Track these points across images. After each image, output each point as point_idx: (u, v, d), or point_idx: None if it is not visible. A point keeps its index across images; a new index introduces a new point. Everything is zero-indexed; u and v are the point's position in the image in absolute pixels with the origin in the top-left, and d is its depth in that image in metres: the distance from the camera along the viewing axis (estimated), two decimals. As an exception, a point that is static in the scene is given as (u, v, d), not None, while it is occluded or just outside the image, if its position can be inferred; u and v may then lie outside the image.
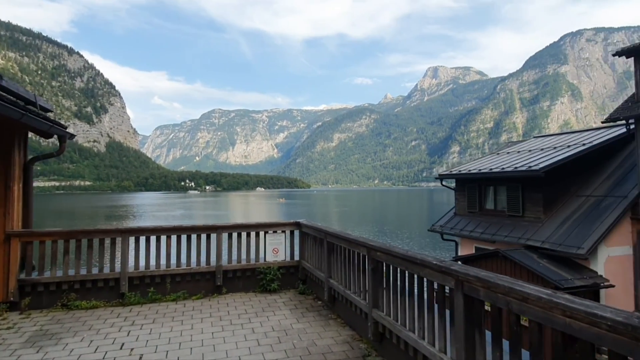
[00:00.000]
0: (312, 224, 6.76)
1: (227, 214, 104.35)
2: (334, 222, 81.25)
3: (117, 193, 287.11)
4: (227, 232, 6.99)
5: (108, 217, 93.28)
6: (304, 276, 7.24)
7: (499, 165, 12.93)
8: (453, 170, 14.98)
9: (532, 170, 11.19)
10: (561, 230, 10.77)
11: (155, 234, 6.69)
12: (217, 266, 6.81)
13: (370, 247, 4.42)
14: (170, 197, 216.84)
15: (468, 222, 14.02)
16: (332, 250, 5.76)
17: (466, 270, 2.75)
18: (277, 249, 7.23)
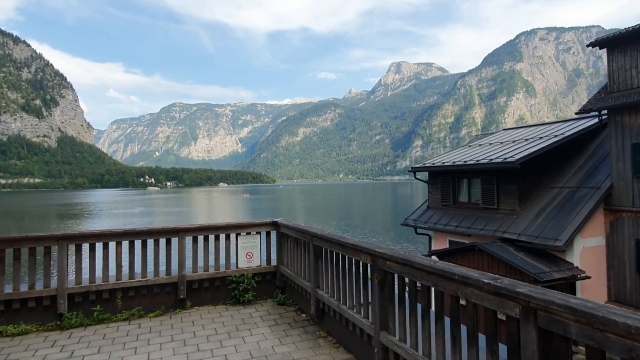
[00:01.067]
0: (293, 224, 5.87)
1: (189, 211, 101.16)
2: (300, 217, 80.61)
3: (71, 190, 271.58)
4: (192, 236, 5.92)
5: (61, 216, 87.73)
6: (282, 283, 6.40)
7: (473, 158, 12.70)
8: (426, 162, 14.68)
9: (508, 162, 10.98)
10: (537, 223, 10.64)
11: (102, 240, 5.55)
12: (179, 276, 5.80)
13: (376, 255, 3.55)
14: (129, 194, 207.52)
15: (442, 216, 13.76)
16: (321, 256, 4.92)
17: (544, 296, 1.95)
18: (251, 253, 6.31)
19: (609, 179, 10.47)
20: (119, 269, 5.55)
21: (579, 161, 11.91)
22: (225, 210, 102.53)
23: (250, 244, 6.31)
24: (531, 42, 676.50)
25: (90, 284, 5.44)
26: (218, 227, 6.22)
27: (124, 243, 5.64)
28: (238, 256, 6.24)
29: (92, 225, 69.87)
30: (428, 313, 3.02)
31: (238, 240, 6.25)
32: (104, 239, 5.57)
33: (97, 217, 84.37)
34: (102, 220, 78.43)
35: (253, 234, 6.36)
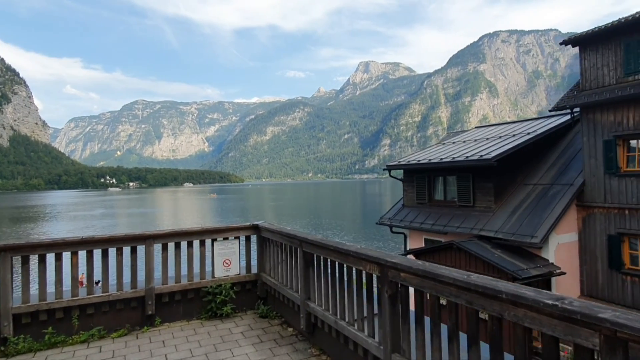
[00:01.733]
0: (277, 227, 5.29)
1: (153, 212, 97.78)
2: (270, 216, 79.64)
3: (25, 192, 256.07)
4: (161, 243, 5.21)
5: (14, 220, 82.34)
6: (264, 293, 5.78)
7: (449, 155, 12.63)
8: (401, 160, 14.51)
9: (484, 159, 10.94)
10: (512, 220, 10.66)
11: (54, 250, 4.71)
12: (147, 289, 5.08)
13: (387, 265, 3.01)
14: (88, 195, 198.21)
15: (417, 214, 13.63)
16: (312, 264, 4.37)
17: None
18: (228, 260, 5.64)
19: (581, 176, 10.64)
20: (75, 283, 4.72)
21: (550, 158, 12.08)
22: (192, 212, 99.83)
23: (228, 251, 5.65)
24: (493, 44, 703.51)
25: (41, 301, 4.63)
26: (191, 233, 5.45)
27: (80, 253, 4.91)
28: (214, 264, 5.56)
29: (49, 229, 65.89)
30: (457, 335, 2.51)
31: (214, 246, 5.56)
32: (57, 248, 4.72)
33: (54, 220, 79.77)
34: (59, 223, 74.24)
35: (231, 239, 5.67)
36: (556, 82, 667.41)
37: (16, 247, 4.52)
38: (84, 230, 61.83)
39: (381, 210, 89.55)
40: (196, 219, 77.88)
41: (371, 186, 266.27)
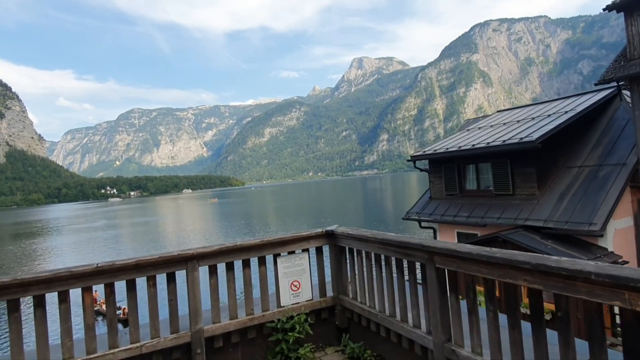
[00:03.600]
0: (363, 232, 3.96)
1: (155, 220, 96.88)
2: (276, 220, 78.74)
3: (25, 208, 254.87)
4: (208, 265, 3.80)
5: (15, 236, 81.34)
6: (345, 322, 4.40)
7: (481, 141, 11.68)
8: (426, 150, 13.56)
9: (526, 142, 9.99)
10: (562, 207, 9.71)
11: (57, 288, 3.20)
12: (194, 332, 3.67)
13: None
14: (89, 207, 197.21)
15: (448, 206, 12.69)
16: (454, 289, 2.98)
17: None
18: (297, 282, 4.27)
19: (634, 154, 9.69)
20: (91, 333, 3.34)
21: (592, 138, 11.14)
22: (194, 217, 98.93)
23: (295, 269, 4.29)
24: (485, 34, 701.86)
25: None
26: (247, 248, 3.98)
27: (95, 288, 3.64)
28: (279, 289, 4.20)
29: (51, 243, 64.89)
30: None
31: (278, 264, 4.20)
32: (61, 284, 3.21)
33: (56, 235, 78.80)
34: (61, 237, 73.24)
35: (298, 253, 4.32)
36: (548, 69, 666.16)
37: (5, 287, 2.99)
38: (88, 244, 60.83)
39: (394, 205, 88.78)
40: (201, 225, 77.00)
41: (373, 182, 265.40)
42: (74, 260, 46.77)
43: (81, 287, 3.31)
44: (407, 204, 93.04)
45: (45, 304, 3.18)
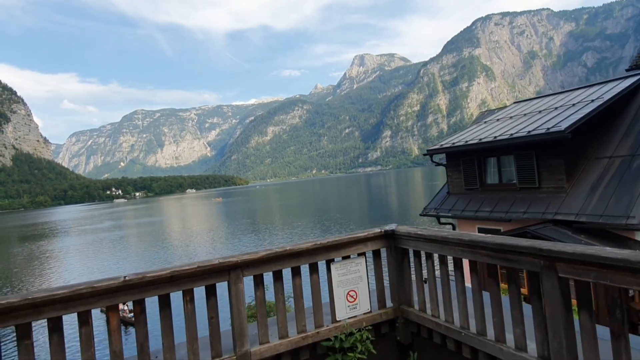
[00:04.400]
0: (438, 232, 3.26)
1: (161, 220, 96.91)
2: (286, 218, 78.40)
3: (32, 210, 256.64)
4: (252, 274, 3.18)
5: (23, 238, 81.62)
6: (408, 337, 3.76)
7: (503, 132, 11.17)
8: (444, 143, 13.05)
9: (554, 132, 9.48)
10: (594, 199, 9.20)
11: (75, 308, 2.59)
12: (240, 355, 3.09)
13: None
14: (95, 209, 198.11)
15: (468, 201, 12.20)
16: (588, 307, 2.32)
17: None
18: (354, 291, 3.60)
19: (670, 143, 9.15)
20: (116, 359, 2.71)
21: (621, 127, 10.59)
22: (200, 215, 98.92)
23: (352, 276, 3.62)
24: (487, 28, 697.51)
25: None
26: (296, 253, 3.30)
27: (123, 307, 2.71)
28: (334, 300, 3.54)
29: (59, 245, 64.92)
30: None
31: (332, 271, 3.54)
32: (81, 303, 2.58)
33: (63, 236, 78.93)
34: (69, 238, 73.35)
35: (354, 258, 3.63)
36: (552, 61, 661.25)
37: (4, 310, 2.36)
38: (95, 246, 60.77)
39: (403, 201, 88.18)
40: (207, 224, 76.83)
41: (377, 178, 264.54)
42: (82, 261, 46.69)
43: (106, 306, 2.70)
44: (416, 200, 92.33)
45: (63, 328, 2.61)
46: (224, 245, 48.39)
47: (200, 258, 43.10)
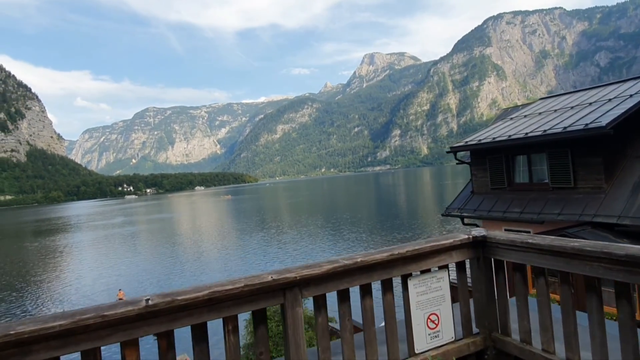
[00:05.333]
0: (558, 241, 2.33)
1: (171, 217, 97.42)
2: (293, 216, 78.12)
3: (45, 205, 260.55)
4: (312, 295, 2.37)
5: (36, 233, 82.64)
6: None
7: (535, 129, 10.58)
8: (469, 140, 12.48)
9: (594, 128, 8.89)
10: (637, 201, 8.59)
11: (81, 346, 1.75)
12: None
13: None
14: (107, 205, 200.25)
15: (495, 201, 11.64)
16: None
17: None
18: (436, 314, 2.78)
19: None
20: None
21: (661, 124, 9.92)
22: (209, 214, 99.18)
23: (432, 295, 2.78)
24: (498, 27, 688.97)
25: None
26: (368, 266, 2.52)
27: (141, 342, 2.00)
28: (413, 327, 2.70)
29: (71, 240, 65.44)
30: None
31: (409, 289, 2.72)
32: (84, 340, 1.77)
33: (75, 232, 79.68)
34: (81, 234, 74.00)
35: (434, 272, 2.79)
36: (564, 61, 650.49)
37: None
38: (107, 241, 61.08)
39: (417, 200, 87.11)
40: (216, 221, 76.92)
41: (387, 177, 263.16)
42: (94, 257, 46.91)
43: (120, 342, 1.88)
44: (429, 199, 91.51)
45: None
46: (234, 243, 48.27)
47: (210, 255, 42.87)
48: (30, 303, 29.30)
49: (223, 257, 40.38)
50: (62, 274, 39.27)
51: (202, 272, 34.43)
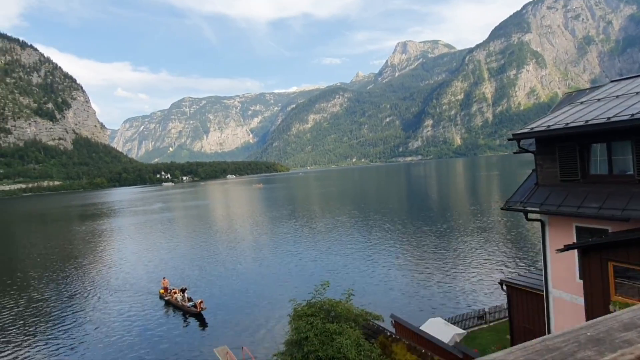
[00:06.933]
0: None
1: (206, 204, 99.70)
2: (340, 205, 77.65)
3: (90, 191, 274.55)
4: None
5: (83, 217, 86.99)
6: None
7: (619, 112, 9.40)
8: (534, 126, 11.36)
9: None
10: None
11: None
12: None
13: None
14: (146, 191, 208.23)
15: (566, 195, 10.55)
16: None
17: None
18: None
19: None
20: None
21: None
22: (242, 201, 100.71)
23: None
24: (538, 12, 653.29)
25: None
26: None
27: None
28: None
29: (114, 224, 68.28)
30: None
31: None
32: None
33: (118, 216, 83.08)
34: (123, 219, 77.04)
35: None
36: (610, 47, 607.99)
37: None
38: (146, 226, 63.05)
39: (459, 192, 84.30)
40: (251, 209, 77.83)
41: (418, 168, 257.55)
42: (134, 242, 48.58)
43: None
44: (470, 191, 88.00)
45: None
46: (268, 230, 48.52)
47: (245, 243, 43.02)
48: (78, 285, 30.57)
49: (258, 244, 40.66)
50: (107, 257, 40.87)
51: (239, 259, 34.74)
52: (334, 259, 32.02)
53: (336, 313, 10.68)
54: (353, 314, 10.87)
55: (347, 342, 9.49)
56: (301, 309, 10.87)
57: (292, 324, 10.65)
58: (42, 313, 24.14)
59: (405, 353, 9.99)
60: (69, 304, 25.59)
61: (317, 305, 10.85)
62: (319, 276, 26.39)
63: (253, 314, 21.32)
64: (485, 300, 21.33)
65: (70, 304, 25.66)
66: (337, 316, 10.61)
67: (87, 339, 19.93)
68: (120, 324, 21.34)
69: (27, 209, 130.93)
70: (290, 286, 25.58)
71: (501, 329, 16.67)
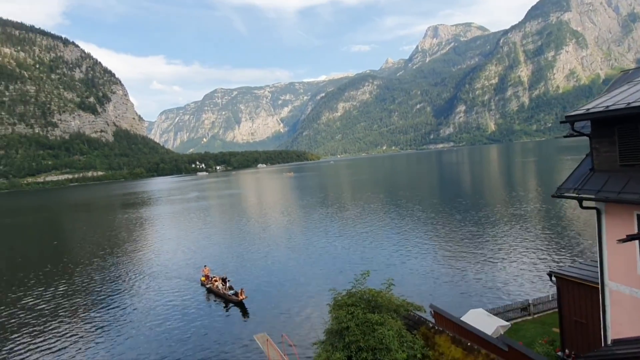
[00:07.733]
0: None
1: (239, 193, 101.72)
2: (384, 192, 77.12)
3: (130, 180, 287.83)
4: None
5: (126, 205, 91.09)
6: None
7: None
8: (589, 107, 10.54)
9: None
10: None
11: None
12: None
13: None
14: (182, 180, 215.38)
15: (627, 181, 9.78)
16: None
17: None
18: None
19: None
20: None
21: None
22: (274, 190, 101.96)
23: None
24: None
25: None
26: None
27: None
28: None
29: (154, 212, 70.93)
30: None
31: None
32: None
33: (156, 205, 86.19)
34: (161, 207, 79.91)
35: None
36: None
37: None
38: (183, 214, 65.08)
39: (498, 178, 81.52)
40: (283, 197, 78.67)
41: (450, 155, 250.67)
42: (174, 229, 50.29)
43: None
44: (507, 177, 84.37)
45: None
46: (300, 218, 48.84)
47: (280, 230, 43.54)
48: (122, 270, 32.01)
49: (293, 233, 40.99)
50: (148, 244, 42.55)
51: (275, 248, 35.19)
52: (370, 247, 31.79)
53: (377, 303, 10.50)
54: (394, 305, 10.64)
55: (389, 333, 9.31)
56: (341, 298, 10.75)
57: (333, 313, 10.55)
58: (90, 298, 25.56)
59: (450, 345, 9.67)
60: (114, 289, 26.89)
61: (358, 294, 10.69)
62: (356, 265, 26.36)
63: (291, 303, 21.54)
64: (527, 291, 20.50)
65: (115, 288, 26.97)
66: (378, 306, 10.42)
67: (132, 322, 20.90)
68: (162, 310, 22.21)
69: (75, 199, 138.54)
70: (328, 275, 25.64)
71: (547, 322, 15.95)
